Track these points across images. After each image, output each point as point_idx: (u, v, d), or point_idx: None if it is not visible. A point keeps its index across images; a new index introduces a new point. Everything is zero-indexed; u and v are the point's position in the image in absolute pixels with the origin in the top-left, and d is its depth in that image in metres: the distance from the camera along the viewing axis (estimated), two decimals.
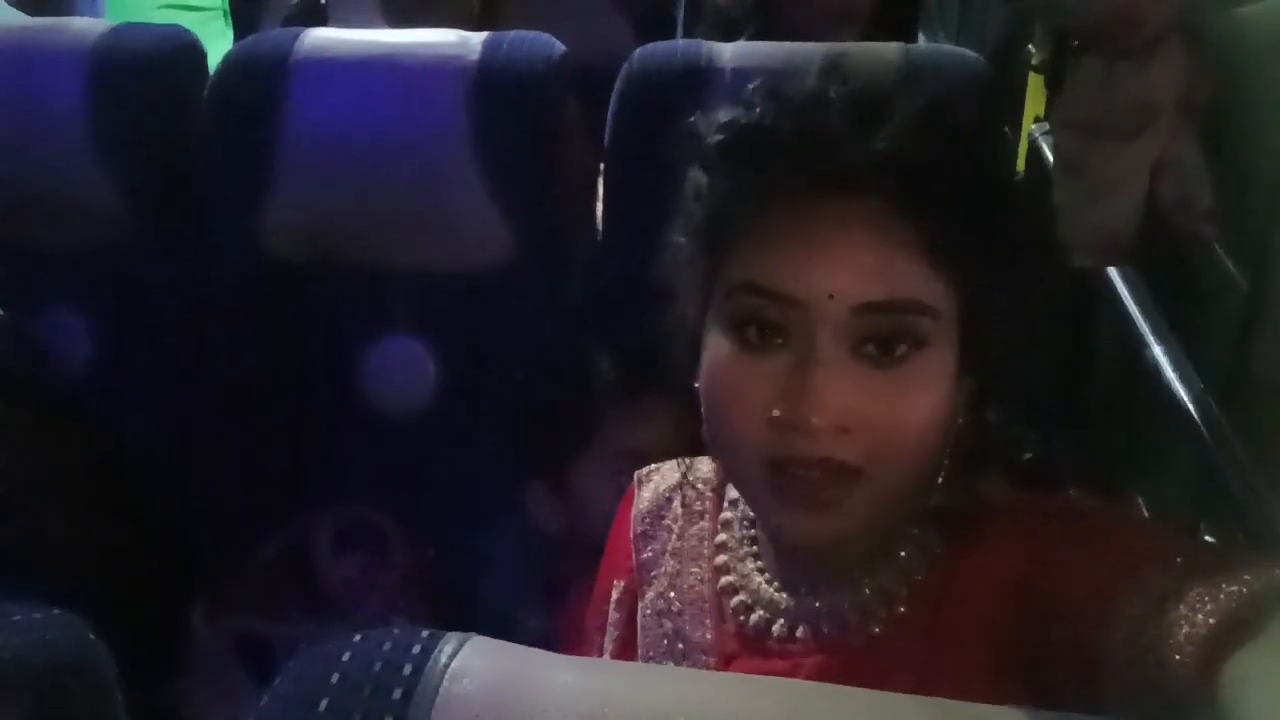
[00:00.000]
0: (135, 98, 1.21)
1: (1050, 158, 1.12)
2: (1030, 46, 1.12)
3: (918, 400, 0.54)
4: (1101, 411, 1.01)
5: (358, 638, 0.40)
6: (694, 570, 0.66)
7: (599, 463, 1.02)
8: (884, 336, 0.53)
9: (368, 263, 1.21)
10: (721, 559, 0.66)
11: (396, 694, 0.37)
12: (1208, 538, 0.75)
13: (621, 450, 0.95)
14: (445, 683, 0.37)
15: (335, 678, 0.38)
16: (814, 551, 0.59)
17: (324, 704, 0.37)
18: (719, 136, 0.56)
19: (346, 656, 0.39)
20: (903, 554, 0.59)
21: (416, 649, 0.39)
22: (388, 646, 0.39)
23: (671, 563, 0.67)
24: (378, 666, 0.38)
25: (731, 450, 0.58)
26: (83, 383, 1.16)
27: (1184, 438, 0.70)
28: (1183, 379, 0.74)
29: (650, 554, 0.69)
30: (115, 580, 0.98)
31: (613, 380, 1.07)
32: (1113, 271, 0.87)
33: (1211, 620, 0.43)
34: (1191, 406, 0.71)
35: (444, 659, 0.38)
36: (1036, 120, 1.27)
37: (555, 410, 1.08)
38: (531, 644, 0.40)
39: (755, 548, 0.65)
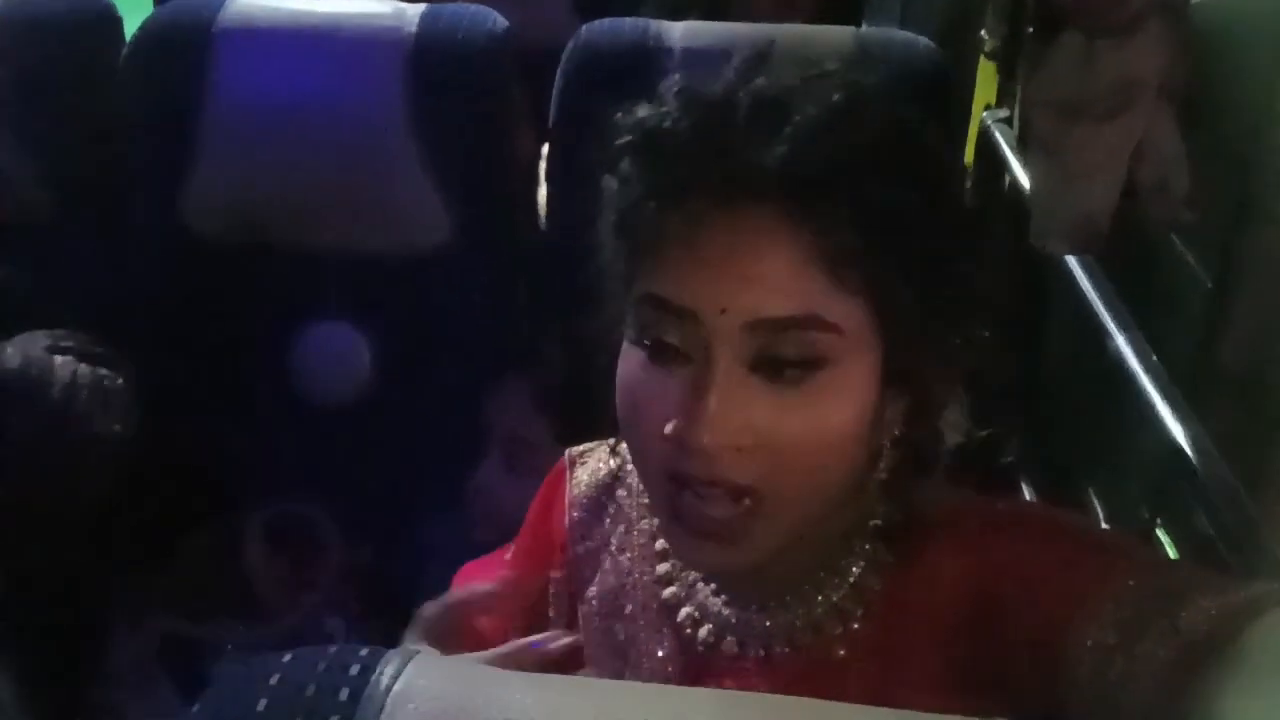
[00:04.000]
0: (45, 64, 1.14)
1: (1003, 145, 1.11)
2: (982, 32, 1.11)
3: (822, 420, 0.51)
4: (1060, 403, 1.01)
5: (288, 657, 0.36)
6: (640, 575, 0.63)
7: (541, 454, 0.98)
8: (784, 354, 0.50)
9: (301, 244, 1.15)
10: (664, 568, 0.62)
11: None
12: (1162, 534, 0.75)
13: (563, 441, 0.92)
14: (388, 707, 0.34)
15: (262, 704, 0.34)
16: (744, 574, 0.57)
17: None
18: (627, 137, 0.53)
19: (275, 679, 0.35)
20: (854, 569, 0.57)
21: (355, 669, 0.35)
22: (322, 667, 0.35)
23: (622, 559, 0.64)
24: (311, 690, 0.34)
25: (639, 461, 0.56)
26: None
27: (1146, 429, 0.70)
28: (1146, 369, 0.73)
29: (589, 546, 0.65)
30: (34, 579, 0.92)
31: (554, 371, 1.04)
32: (1072, 261, 0.86)
33: (1174, 654, 0.43)
34: (1155, 397, 0.70)
35: (386, 680, 0.35)
36: (988, 108, 1.26)
37: (495, 401, 1.04)
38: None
39: None
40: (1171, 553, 0.78)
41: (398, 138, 1.12)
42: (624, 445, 0.64)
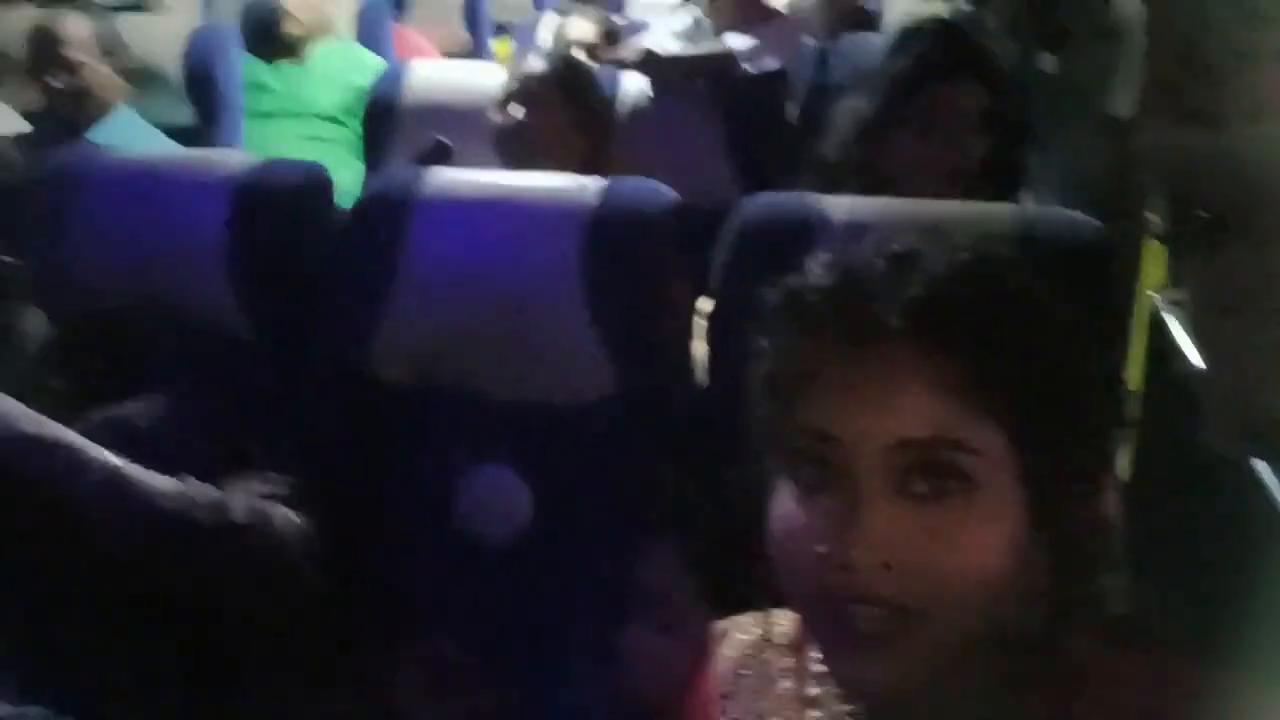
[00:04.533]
0: (270, 223, 1.29)
1: (1175, 328, 1.09)
2: (1148, 214, 1.11)
3: (964, 536, 0.54)
4: (1233, 596, 0.95)
5: None
6: None
7: (688, 615, 0.99)
8: (924, 472, 0.55)
9: (473, 390, 1.23)
10: (814, 715, 0.64)
11: None
12: None
13: (710, 603, 0.93)
14: None
15: None
16: (897, 710, 0.58)
17: None
18: (777, 300, 0.60)
19: None
20: (1010, 712, 0.57)
21: None
22: None
23: None
24: None
25: (793, 593, 0.59)
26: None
27: None
28: None
29: (734, 716, 0.67)
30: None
31: (704, 532, 1.06)
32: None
33: None
34: None
35: None
36: (1159, 288, 1.24)
37: (645, 557, 1.07)
38: None
39: (851, 706, 0.62)
40: None
41: (570, 296, 1.20)
42: (769, 611, 0.68)
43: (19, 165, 1.17)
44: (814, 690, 0.65)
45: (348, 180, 2.04)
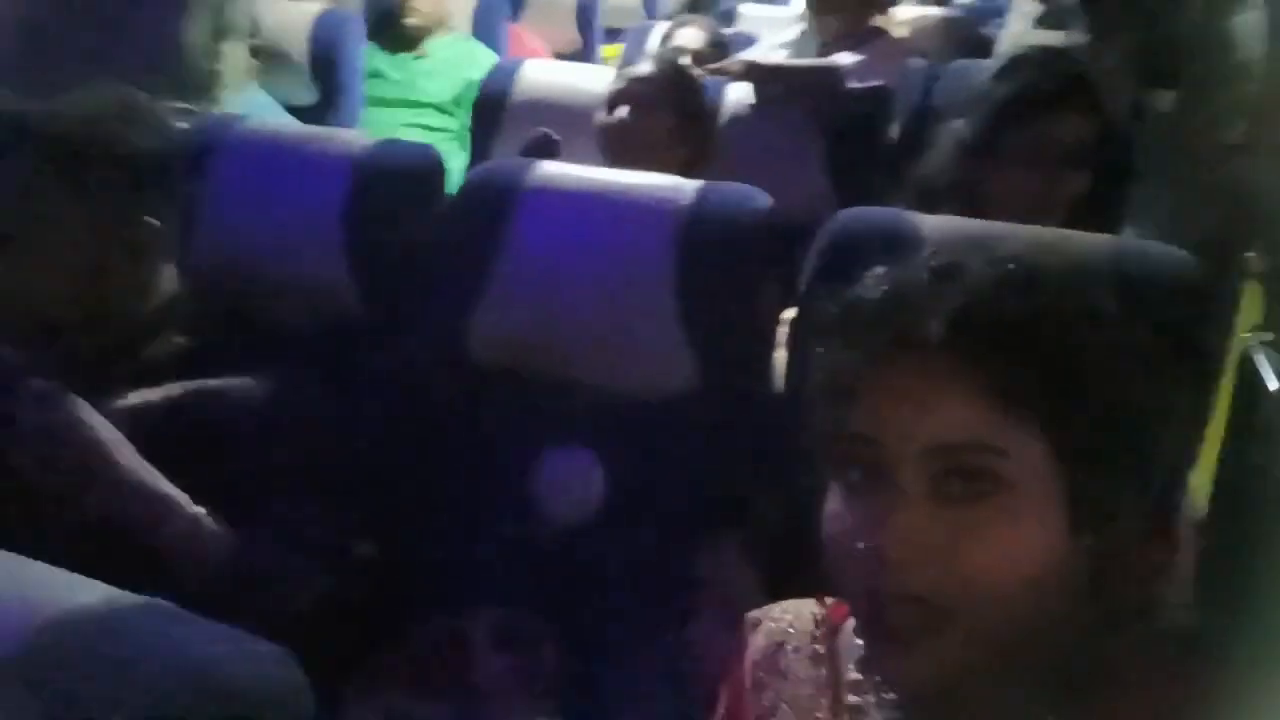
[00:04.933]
0: (385, 203, 1.36)
1: (1266, 370, 1.07)
2: (1250, 253, 1.09)
3: (1000, 540, 0.56)
4: None
5: None
6: (815, 717, 0.67)
7: (746, 605, 1.02)
8: (959, 474, 0.57)
9: (561, 376, 1.28)
10: (854, 699, 0.67)
11: None
12: None
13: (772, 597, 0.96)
14: None
15: None
16: (938, 707, 0.60)
17: None
18: (832, 311, 0.63)
19: None
20: (1050, 715, 0.59)
21: None
22: None
23: (790, 714, 0.68)
24: None
25: (840, 582, 0.62)
26: (299, 451, 1.27)
27: None
28: None
29: (767, 703, 0.70)
30: (302, 623, 1.04)
31: (769, 527, 1.08)
32: None
33: None
34: None
35: None
36: (1254, 328, 1.23)
37: (711, 549, 1.09)
38: None
39: (890, 694, 0.65)
40: None
41: (660, 293, 1.24)
42: (796, 605, 0.72)
43: (172, 131, 1.26)
44: (854, 675, 0.67)
45: (456, 169, 2.12)
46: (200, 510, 1.03)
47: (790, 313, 1.33)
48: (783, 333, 1.36)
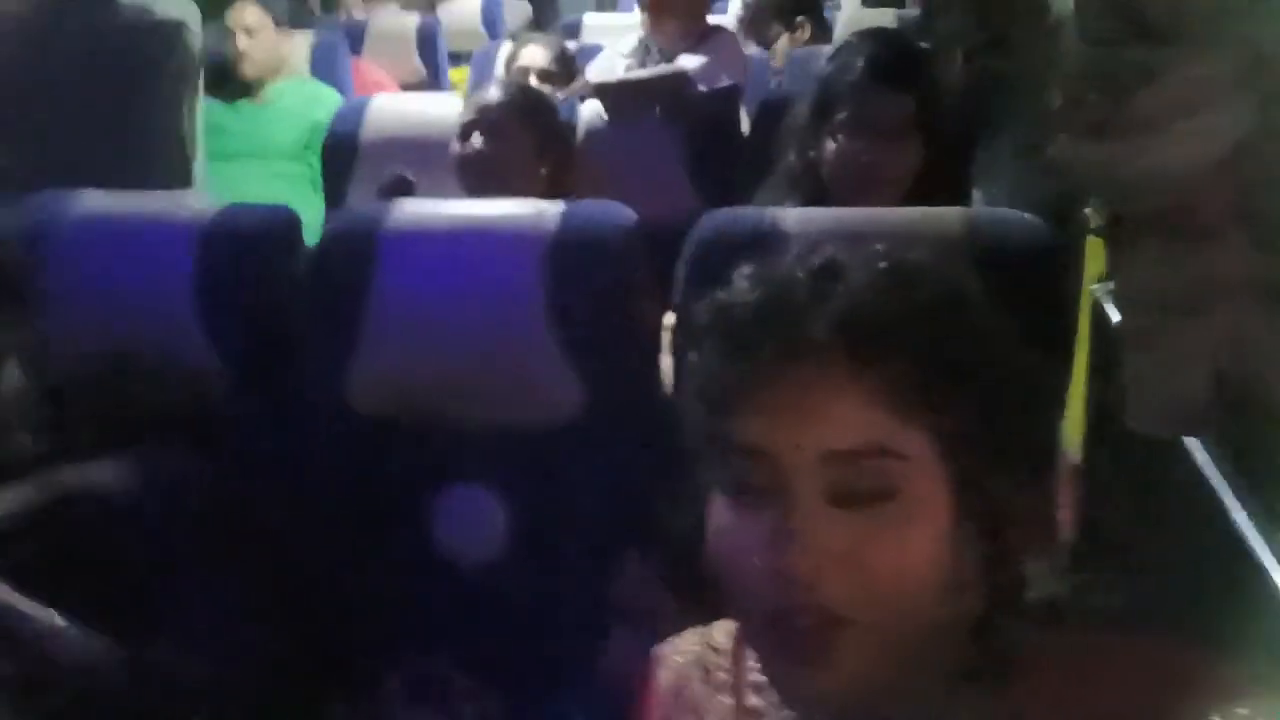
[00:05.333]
0: (240, 269, 1.31)
1: (1114, 317, 1.13)
2: (1088, 210, 1.16)
3: (897, 542, 0.55)
4: (1177, 572, 0.99)
5: None
6: None
7: (667, 622, 1.02)
8: (856, 483, 0.56)
9: (448, 420, 1.26)
10: (755, 702, 0.65)
11: None
12: None
13: (697, 605, 0.96)
14: None
15: None
16: (836, 713, 0.59)
17: None
18: (706, 317, 0.61)
19: None
20: (954, 706, 0.59)
21: None
22: None
23: None
24: None
25: (735, 603, 0.60)
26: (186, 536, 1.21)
27: (1266, 603, 0.69)
28: (1269, 543, 0.73)
29: None
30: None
31: (679, 542, 1.08)
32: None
33: None
34: (1275, 572, 0.70)
35: None
36: (1099, 280, 1.29)
37: (624, 572, 1.09)
38: None
39: (790, 712, 0.64)
40: None
41: (537, 321, 1.22)
42: (709, 625, 0.70)
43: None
44: (754, 700, 0.66)
45: (310, 217, 2.06)
46: (57, 623, 0.96)
47: (671, 318, 1.34)
48: (667, 339, 1.37)
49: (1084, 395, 1.25)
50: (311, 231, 1.42)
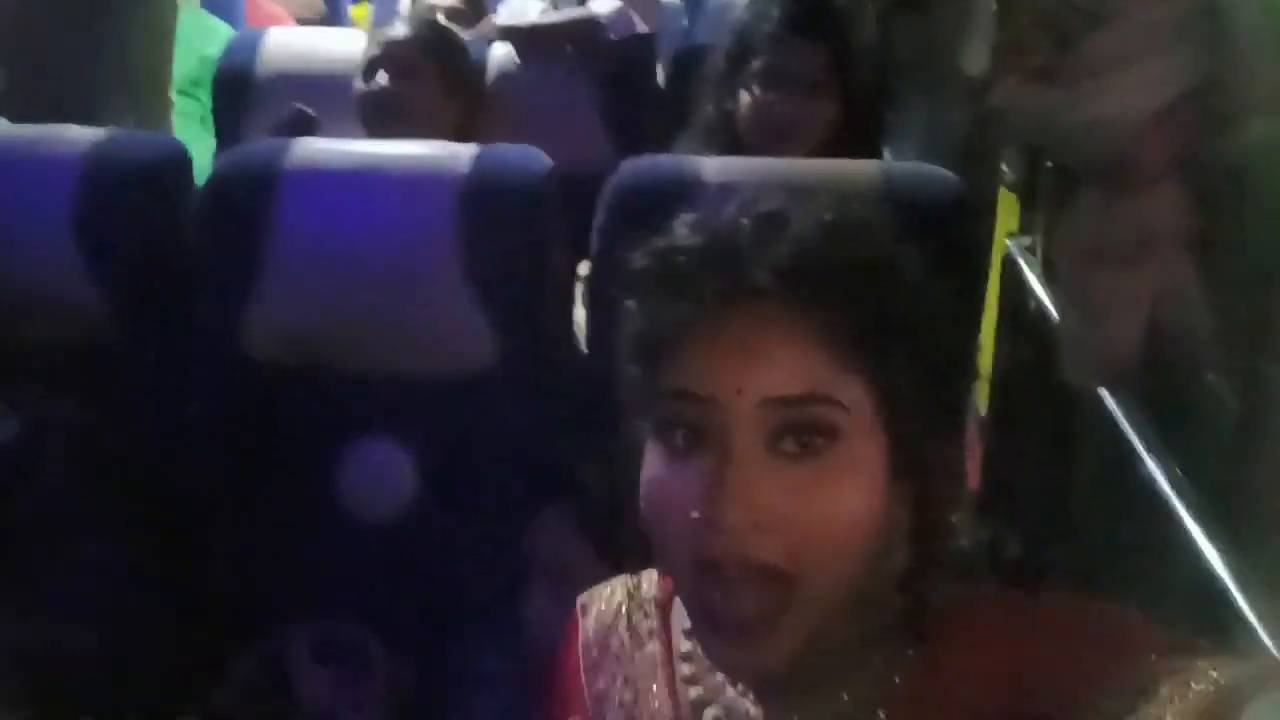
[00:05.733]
0: (124, 204, 1.22)
1: (1027, 272, 1.15)
2: (1002, 165, 1.17)
3: (836, 493, 0.55)
4: (1089, 522, 1.02)
5: None
6: (653, 694, 0.65)
7: (584, 577, 1.00)
8: (796, 430, 0.55)
9: (351, 367, 1.21)
10: (688, 670, 0.65)
11: None
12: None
13: (612, 555, 0.95)
14: None
15: None
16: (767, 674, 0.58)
17: None
18: (644, 262, 0.60)
19: None
20: (877, 659, 0.59)
21: None
22: None
23: (626, 693, 0.66)
24: None
25: (666, 558, 0.59)
26: (63, 482, 1.14)
27: (1179, 553, 0.71)
28: (1177, 492, 0.75)
29: (602, 686, 0.68)
30: (100, 688, 0.94)
31: (593, 491, 1.07)
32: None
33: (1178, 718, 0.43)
34: (1186, 520, 0.72)
35: None
36: (1011, 235, 1.31)
37: (537, 523, 1.07)
38: None
39: None
40: None
41: (447, 268, 1.18)
42: (637, 574, 0.69)
43: None
44: (685, 646, 0.66)
45: (200, 156, 1.95)
46: None
47: (585, 268, 1.31)
48: (580, 290, 1.34)
49: (991, 349, 1.28)
50: (202, 172, 1.33)
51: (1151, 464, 0.78)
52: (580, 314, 1.34)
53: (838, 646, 0.58)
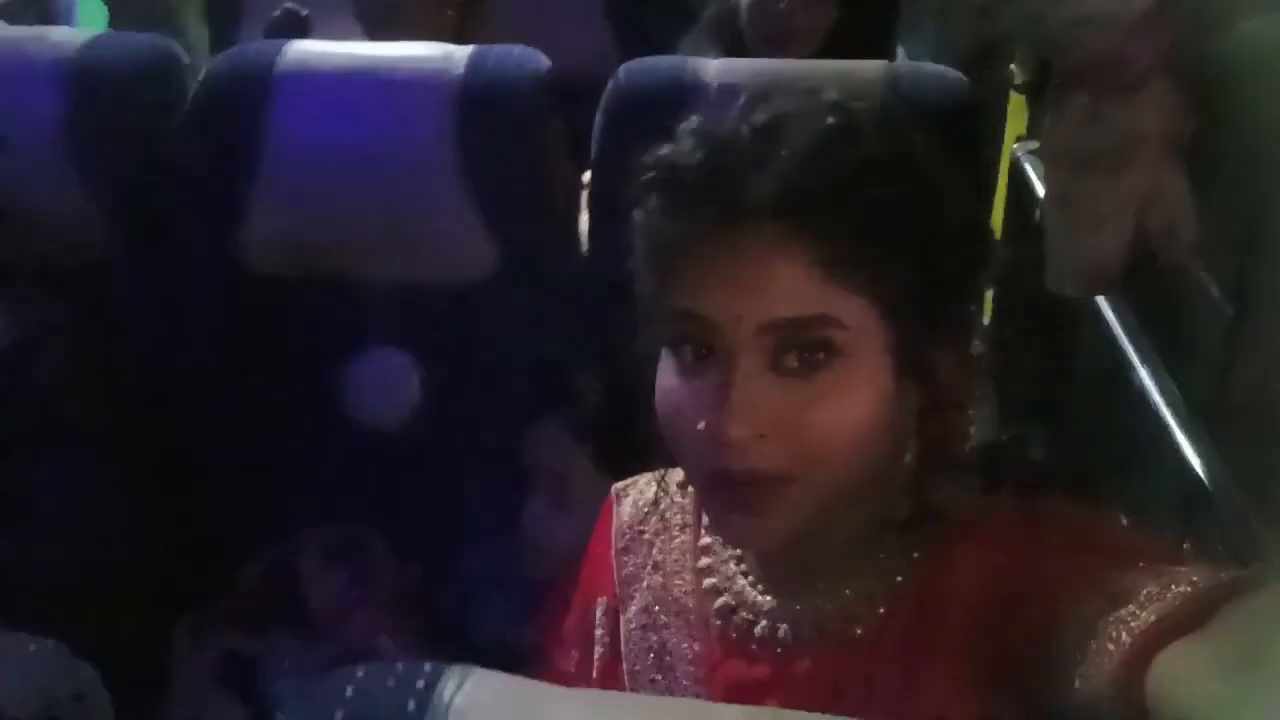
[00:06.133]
0: (114, 108, 1.20)
1: (1033, 177, 1.13)
2: (1012, 65, 1.13)
3: (838, 409, 0.56)
4: (1085, 430, 1.02)
5: (360, 672, 0.40)
6: (678, 582, 0.68)
7: (583, 484, 1.02)
8: (798, 349, 0.56)
9: (350, 276, 1.20)
10: (705, 561, 0.68)
11: None
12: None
13: (611, 464, 0.96)
14: (450, 718, 0.37)
15: (339, 715, 0.38)
16: (776, 554, 0.62)
17: None
18: (650, 173, 0.60)
19: (350, 692, 0.39)
20: (882, 557, 0.61)
21: (420, 684, 0.39)
22: (391, 682, 0.39)
23: (654, 577, 0.69)
24: (382, 702, 0.38)
25: (681, 461, 0.61)
26: (59, 404, 1.15)
27: (1168, 458, 0.72)
28: (1167, 401, 0.75)
29: (632, 569, 0.71)
30: (101, 598, 0.97)
31: (593, 400, 1.07)
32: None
33: (1152, 617, 0.44)
34: (1176, 428, 0.72)
35: (448, 694, 0.38)
36: (1019, 139, 1.28)
37: (543, 425, 1.08)
38: (523, 663, 0.39)
39: (739, 551, 0.67)
40: None
41: (445, 173, 1.16)
42: (666, 470, 0.71)
43: None
44: (706, 539, 0.68)
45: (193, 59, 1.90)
46: None
47: (589, 175, 1.29)
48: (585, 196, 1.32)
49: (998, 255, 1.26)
50: (195, 75, 1.30)
51: (1143, 372, 0.78)
52: (584, 221, 1.32)
53: (842, 536, 0.61)
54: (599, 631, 0.71)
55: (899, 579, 0.60)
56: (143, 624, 1.04)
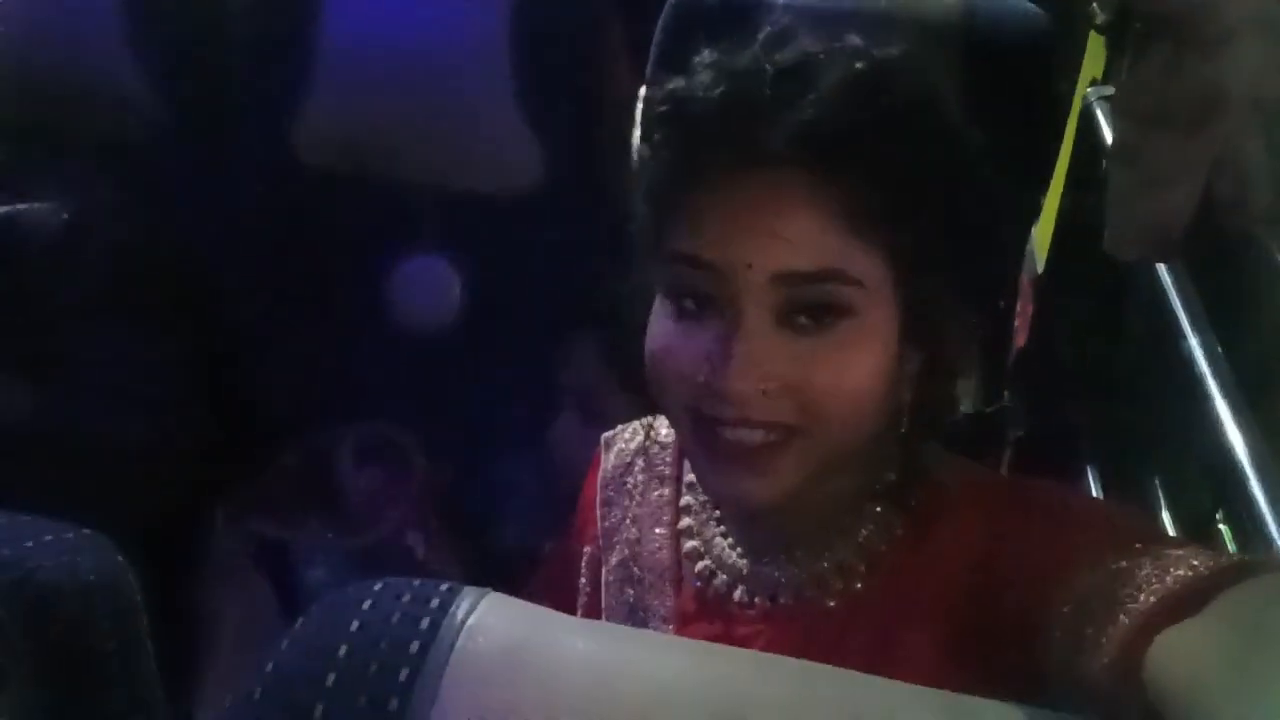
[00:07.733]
0: None
1: (1104, 125, 1.08)
2: (1094, 3, 1.07)
3: (843, 368, 0.54)
4: (1130, 395, 1.00)
5: (379, 585, 0.41)
6: (654, 536, 0.67)
7: (613, 402, 1.02)
8: (808, 304, 0.53)
9: (399, 177, 1.20)
10: (686, 522, 0.66)
11: (414, 647, 0.38)
12: (1224, 528, 0.75)
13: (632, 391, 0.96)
14: (461, 639, 0.38)
15: (355, 625, 0.39)
16: (765, 517, 0.60)
17: (343, 650, 0.38)
18: (661, 108, 0.56)
19: (367, 604, 0.40)
20: (863, 530, 0.60)
21: (435, 603, 0.40)
22: (407, 598, 0.40)
23: (633, 530, 0.68)
24: (396, 618, 0.39)
25: (667, 410, 0.59)
26: (109, 281, 1.17)
27: (1210, 432, 0.70)
28: (1215, 373, 0.73)
29: (613, 520, 0.70)
30: (142, 474, 1.00)
31: (627, 319, 1.07)
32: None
33: (1152, 599, 0.43)
34: (1221, 402, 0.70)
35: (461, 614, 0.39)
36: (1093, 83, 1.22)
37: (580, 341, 1.08)
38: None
39: (719, 512, 0.65)
40: (1230, 547, 0.79)
41: (498, 77, 1.15)
42: (652, 419, 0.70)
43: None
44: (686, 499, 0.67)
45: None
46: None
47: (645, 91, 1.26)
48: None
49: (1056, 205, 1.22)
50: None
51: (1194, 341, 0.75)
52: (637, 136, 1.30)
53: (827, 507, 0.59)
54: (581, 580, 0.71)
55: (879, 550, 0.59)
56: (180, 504, 1.08)
